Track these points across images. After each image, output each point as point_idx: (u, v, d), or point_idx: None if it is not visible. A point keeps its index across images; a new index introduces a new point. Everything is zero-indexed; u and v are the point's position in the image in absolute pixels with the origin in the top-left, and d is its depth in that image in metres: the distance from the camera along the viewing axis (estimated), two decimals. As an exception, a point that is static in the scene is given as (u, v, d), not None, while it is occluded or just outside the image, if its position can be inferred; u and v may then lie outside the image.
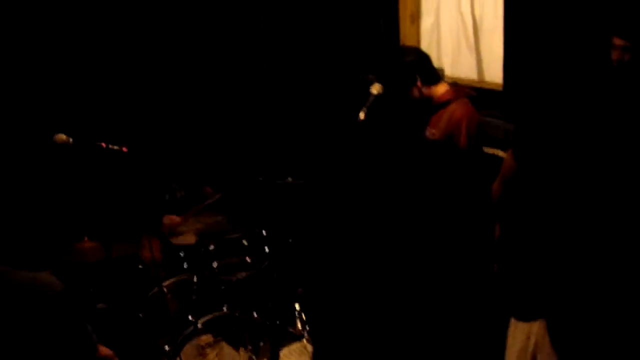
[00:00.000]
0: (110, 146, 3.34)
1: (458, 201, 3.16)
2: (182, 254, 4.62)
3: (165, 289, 4.37)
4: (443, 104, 3.92)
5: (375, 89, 3.79)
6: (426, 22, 5.39)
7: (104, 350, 2.68)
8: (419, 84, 3.87)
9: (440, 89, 3.97)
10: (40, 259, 2.56)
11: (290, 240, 4.59)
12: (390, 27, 5.36)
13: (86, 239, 4.23)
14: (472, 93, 4.06)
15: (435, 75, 4.00)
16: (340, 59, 5.59)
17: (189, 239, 4.66)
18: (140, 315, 4.35)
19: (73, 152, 3.25)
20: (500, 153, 4.41)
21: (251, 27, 5.87)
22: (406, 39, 5.34)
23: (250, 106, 5.91)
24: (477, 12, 5.03)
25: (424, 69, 3.94)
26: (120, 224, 4.24)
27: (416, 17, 5.42)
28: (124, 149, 3.36)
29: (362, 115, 3.62)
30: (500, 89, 4.76)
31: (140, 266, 4.63)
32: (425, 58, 4.00)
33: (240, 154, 5.43)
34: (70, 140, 3.21)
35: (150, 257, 4.84)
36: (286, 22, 5.79)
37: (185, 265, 4.58)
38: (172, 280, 4.44)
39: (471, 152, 3.80)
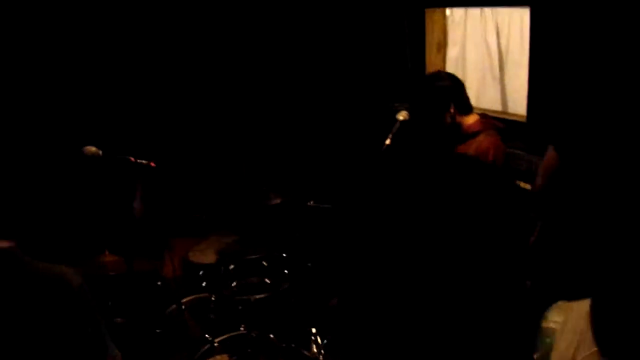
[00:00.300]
0: (138, 160, 3.37)
1: (487, 215, 3.15)
2: (201, 273, 4.64)
3: (183, 307, 4.39)
4: (472, 134, 3.92)
5: (402, 115, 3.81)
6: (452, 51, 5.42)
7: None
8: (452, 110, 3.88)
9: (471, 119, 3.99)
10: (61, 258, 2.56)
11: (309, 264, 4.60)
12: (416, 56, 5.39)
13: (107, 252, 4.26)
14: (500, 125, 4.07)
15: (468, 104, 4.02)
16: (367, 86, 5.62)
17: (209, 257, 4.68)
18: (158, 331, 4.36)
19: (101, 164, 3.27)
20: (523, 184, 4.41)
21: (280, 55, 5.93)
22: (432, 68, 5.36)
23: (277, 130, 5.95)
24: (503, 43, 5.04)
25: (459, 96, 3.95)
26: (142, 239, 4.27)
27: (442, 46, 5.45)
28: (152, 164, 3.39)
29: (387, 141, 3.64)
30: (524, 120, 4.76)
31: (159, 282, 4.65)
32: (460, 86, 4.01)
33: (262, 175, 5.44)
34: (100, 152, 3.24)
35: (169, 274, 4.87)
36: (315, 49, 5.84)
37: (204, 284, 4.60)
38: (190, 298, 4.47)
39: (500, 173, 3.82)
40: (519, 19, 4.85)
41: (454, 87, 3.96)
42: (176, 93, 5.66)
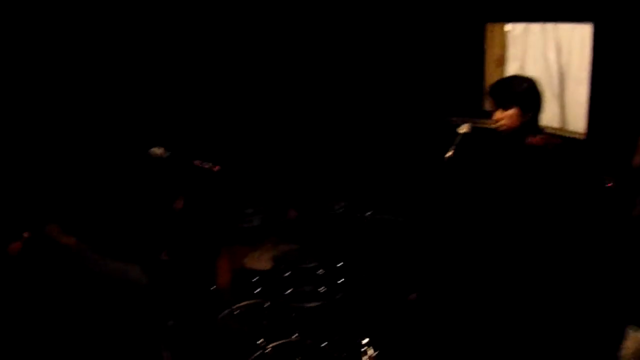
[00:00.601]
0: (203, 164, 3.40)
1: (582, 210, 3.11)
2: (256, 279, 4.66)
3: (236, 312, 4.42)
4: (539, 147, 3.88)
5: (464, 128, 3.80)
6: (511, 67, 5.39)
7: None
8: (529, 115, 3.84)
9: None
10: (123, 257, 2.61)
11: (365, 275, 4.59)
12: (475, 71, 5.38)
13: (165, 254, 4.31)
14: (558, 141, 4.02)
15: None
16: (426, 101, 5.62)
17: (265, 264, 4.70)
18: (210, 335, 4.39)
19: (166, 166, 3.31)
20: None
21: (347, 70, 5.98)
22: (491, 83, 5.35)
23: (338, 143, 5.99)
24: (563, 60, 5.01)
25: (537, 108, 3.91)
26: (198, 243, 4.32)
27: (502, 61, 5.43)
28: (215, 168, 3.41)
29: (450, 154, 3.64)
30: (583, 137, 4.72)
31: (213, 287, 4.69)
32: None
33: (324, 185, 5.46)
34: (166, 154, 3.28)
35: (223, 279, 4.92)
36: (379, 64, 5.87)
37: (258, 290, 4.62)
38: (244, 303, 4.49)
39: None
40: (580, 36, 4.82)
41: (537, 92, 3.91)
42: (245, 100, 5.74)
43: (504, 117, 3.79)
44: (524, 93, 3.73)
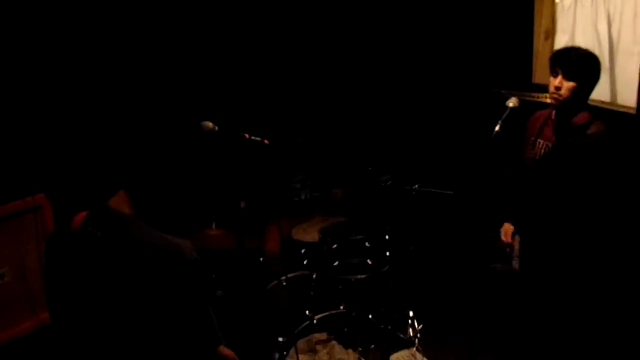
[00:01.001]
0: (252, 137, 3.44)
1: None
2: (303, 251, 4.72)
3: (284, 283, 4.48)
4: (581, 126, 3.86)
5: (512, 102, 3.78)
6: (560, 39, 5.31)
7: (226, 351, 2.72)
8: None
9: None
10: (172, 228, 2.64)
11: (411, 248, 4.61)
12: (524, 43, 5.33)
13: (214, 226, 4.38)
14: (602, 128, 4.00)
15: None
16: (474, 73, 5.59)
17: (312, 236, 4.76)
18: (257, 306, 4.46)
19: (217, 140, 3.36)
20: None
21: (387, 40, 5.97)
22: (539, 56, 5.29)
23: (385, 116, 6.01)
24: (614, 32, 4.92)
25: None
26: (248, 214, 4.37)
27: (551, 33, 5.35)
28: (265, 142, 3.45)
29: (497, 128, 3.63)
30: (633, 112, 4.65)
31: (261, 258, 4.75)
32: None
33: (370, 158, 5.48)
34: (216, 128, 3.32)
35: (272, 250, 4.98)
36: (421, 37, 5.85)
37: (305, 262, 4.69)
38: (291, 275, 4.55)
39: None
40: (632, 7, 4.73)
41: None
42: (291, 74, 5.81)
43: (563, 88, 3.79)
44: (591, 72, 3.74)
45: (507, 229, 4.17)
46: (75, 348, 2.58)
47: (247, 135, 3.43)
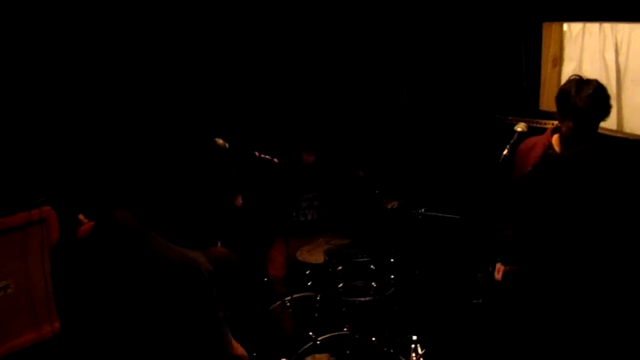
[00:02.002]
0: (262, 155, 3.45)
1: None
2: (308, 272, 4.71)
3: (288, 304, 4.47)
4: None
5: (520, 127, 3.80)
6: (568, 67, 5.34)
7: (239, 349, 2.71)
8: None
9: None
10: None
11: (416, 272, 4.60)
12: (531, 71, 5.35)
13: (219, 245, 4.37)
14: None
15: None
16: (483, 99, 5.60)
17: (318, 258, 4.75)
18: (261, 326, 4.45)
19: (227, 157, 3.36)
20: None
21: (399, 60, 5.99)
22: (547, 83, 5.31)
23: (393, 139, 6.02)
24: (621, 60, 4.95)
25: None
26: (253, 233, 4.37)
27: (558, 61, 5.38)
28: (275, 160, 3.46)
29: (505, 152, 3.64)
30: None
31: (266, 279, 4.74)
32: None
33: (377, 181, 5.48)
34: (227, 145, 3.33)
35: (276, 271, 4.97)
36: (430, 62, 5.87)
37: (310, 283, 4.67)
38: (296, 295, 4.53)
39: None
40: (639, 35, 4.77)
41: None
42: (300, 95, 5.82)
43: (562, 125, 3.79)
44: (580, 110, 3.69)
45: (499, 268, 4.12)
46: (84, 356, 2.57)
47: (257, 153, 3.45)
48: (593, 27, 5.13)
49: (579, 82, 3.72)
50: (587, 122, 3.69)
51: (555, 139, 3.91)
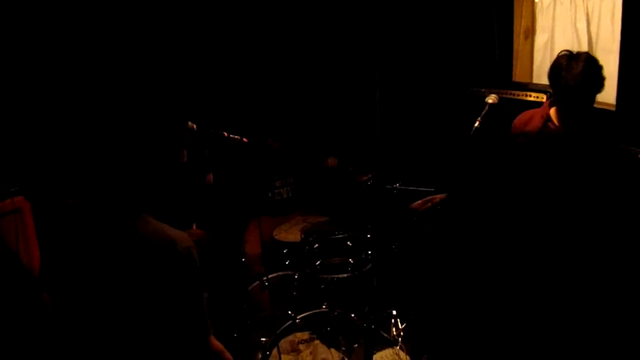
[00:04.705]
0: (231, 136, 3.43)
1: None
2: (285, 251, 4.71)
3: (266, 283, 4.47)
4: None
5: (491, 99, 3.80)
6: (540, 38, 5.36)
7: (216, 342, 2.73)
8: None
9: None
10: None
11: (393, 247, 4.60)
12: (504, 42, 5.36)
13: (194, 226, 4.37)
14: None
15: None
16: (453, 72, 5.61)
17: (294, 236, 4.75)
18: (240, 306, 4.45)
19: (195, 138, 3.34)
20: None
21: (368, 34, 5.97)
22: (519, 55, 5.33)
23: (365, 116, 6.01)
24: (592, 30, 4.96)
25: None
26: (228, 214, 4.36)
27: (530, 32, 5.39)
28: (244, 140, 3.45)
29: (476, 124, 3.64)
30: (613, 109, 4.68)
31: (243, 259, 4.74)
32: None
33: (351, 157, 5.48)
34: (194, 126, 3.31)
35: (253, 251, 4.97)
36: (401, 36, 5.85)
37: (288, 262, 4.69)
38: (274, 275, 4.54)
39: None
40: (610, 5, 4.77)
41: None
42: (270, 73, 5.79)
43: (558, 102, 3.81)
44: (572, 88, 3.67)
45: None
46: (70, 332, 2.58)
47: (226, 134, 3.43)
48: (564, -3, 5.15)
49: (569, 58, 3.68)
50: (580, 99, 3.69)
51: (553, 111, 3.91)
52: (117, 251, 2.44)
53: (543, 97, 4.74)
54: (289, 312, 4.25)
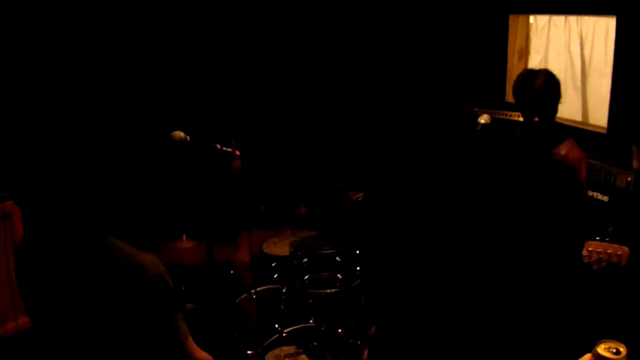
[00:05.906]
0: (224, 148, 3.43)
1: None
2: (274, 264, 4.71)
3: (254, 296, 4.46)
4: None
5: (483, 118, 3.82)
6: (534, 59, 5.39)
7: (202, 354, 2.72)
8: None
9: None
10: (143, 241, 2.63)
11: (381, 263, 4.62)
12: (497, 62, 5.38)
13: (185, 237, 4.35)
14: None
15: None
16: (447, 91, 5.62)
17: (283, 250, 4.75)
18: (227, 319, 4.43)
19: (188, 150, 3.34)
20: (599, 196, 4.36)
21: (362, 54, 5.99)
22: (513, 75, 5.34)
23: (358, 135, 6.02)
24: (586, 53, 5.00)
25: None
26: (218, 226, 4.33)
27: (524, 53, 5.43)
28: (237, 152, 3.45)
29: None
30: (604, 131, 4.71)
31: (232, 272, 4.73)
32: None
33: (341, 172, 5.48)
34: (188, 138, 3.31)
35: (242, 263, 4.95)
36: (396, 55, 5.87)
37: (276, 275, 4.68)
38: (262, 288, 4.52)
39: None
40: (604, 28, 4.81)
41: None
42: (265, 87, 5.79)
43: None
44: (527, 98, 3.77)
45: None
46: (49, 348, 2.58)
47: (219, 146, 3.43)
48: (559, 19, 5.18)
49: (528, 73, 3.84)
50: (535, 110, 3.78)
51: None
52: (88, 276, 2.43)
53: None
54: (276, 325, 4.24)
